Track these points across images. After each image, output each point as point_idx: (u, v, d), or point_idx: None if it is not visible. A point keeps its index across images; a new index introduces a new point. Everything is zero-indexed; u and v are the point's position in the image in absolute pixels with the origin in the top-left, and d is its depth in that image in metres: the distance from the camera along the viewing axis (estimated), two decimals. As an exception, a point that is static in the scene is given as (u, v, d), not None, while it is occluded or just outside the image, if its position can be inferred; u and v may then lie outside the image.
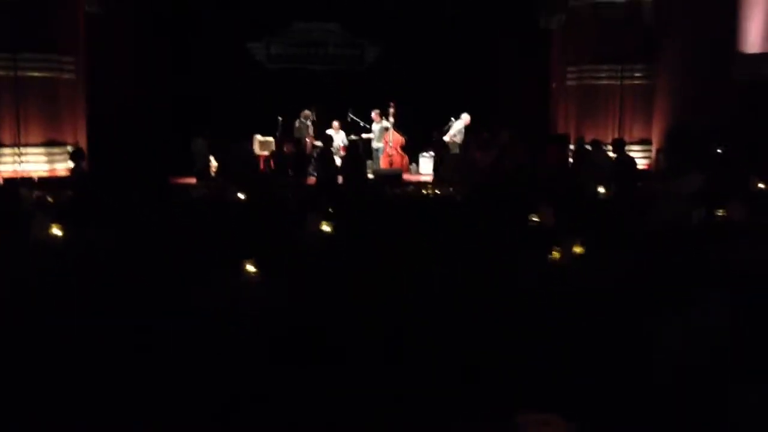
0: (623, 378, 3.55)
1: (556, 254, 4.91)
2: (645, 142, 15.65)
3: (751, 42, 14.92)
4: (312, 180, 13.64)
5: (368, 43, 17.88)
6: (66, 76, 14.16)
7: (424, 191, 9.02)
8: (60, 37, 13.95)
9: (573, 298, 4.38)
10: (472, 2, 16.70)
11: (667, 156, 15.08)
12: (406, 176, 15.67)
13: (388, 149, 16.11)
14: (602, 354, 3.70)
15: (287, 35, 17.80)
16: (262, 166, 15.15)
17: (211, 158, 14.45)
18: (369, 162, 15.86)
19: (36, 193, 9.40)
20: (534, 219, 6.73)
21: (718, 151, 14.09)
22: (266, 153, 15.56)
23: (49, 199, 8.68)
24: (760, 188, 10.02)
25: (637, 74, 15.67)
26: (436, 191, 9.18)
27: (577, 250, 4.89)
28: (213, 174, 14.13)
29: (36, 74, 13.81)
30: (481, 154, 12.80)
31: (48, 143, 13.95)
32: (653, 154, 15.64)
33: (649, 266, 5.06)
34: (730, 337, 3.76)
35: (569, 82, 16.16)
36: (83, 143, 14.69)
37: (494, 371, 3.57)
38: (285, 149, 13.54)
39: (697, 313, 3.72)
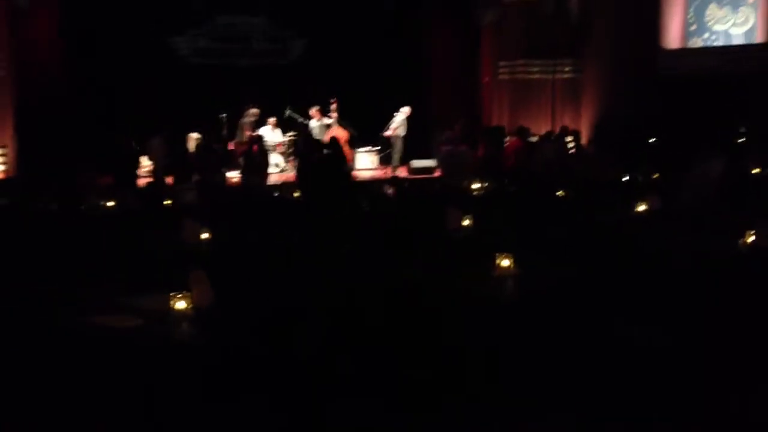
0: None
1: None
2: (574, 132, 16.42)
3: (672, 38, 16.12)
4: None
5: (294, 37, 17.54)
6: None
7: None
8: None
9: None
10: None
11: (596, 146, 15.95)
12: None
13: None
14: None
15: (211, 29, 17.12)
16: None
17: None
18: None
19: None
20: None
21: (651, 141, 15.09)
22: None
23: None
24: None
25: (567, 68, 16.47)
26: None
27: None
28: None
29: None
30: (453, 148, 12.92)
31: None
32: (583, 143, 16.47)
33: None
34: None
35: (501, 77, 16.72)
36: (10, 142, 13.62)
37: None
38: (252, 148, 13.06)
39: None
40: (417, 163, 15.30)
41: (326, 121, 15.81)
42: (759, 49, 15.54)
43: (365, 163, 16.56)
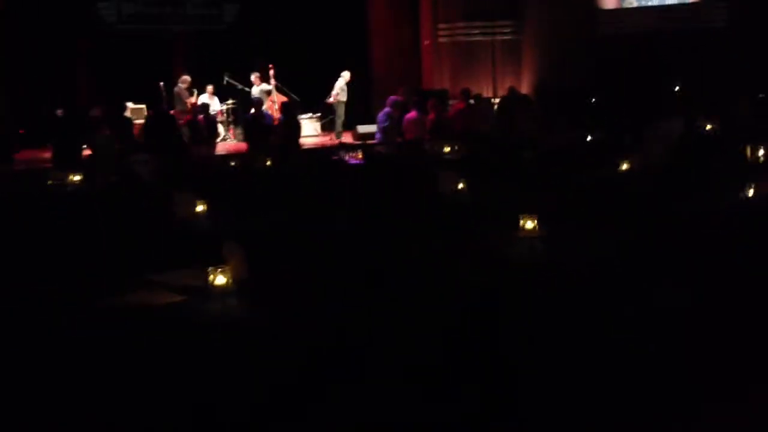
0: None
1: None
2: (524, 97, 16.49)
3: (608, -2, 16.36)
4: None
5: (227, 1, 16.97)
6: None
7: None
8: None
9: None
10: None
11: (540, 107, 16.08)
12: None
13: (274, 112, 15.56)
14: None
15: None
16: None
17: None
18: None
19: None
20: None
21: (593, 100, 15.30)
22: (141, 121, 14.38)
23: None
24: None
25: (506, 30, 16.50)
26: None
27: None
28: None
29: None
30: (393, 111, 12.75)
31: None
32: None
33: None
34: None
35: (441, 39, 16.61)
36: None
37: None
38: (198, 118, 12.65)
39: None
40: (363, 129, 15.11)
41: (266, 87, 15.47)
42: (691, 8, 15.93)
43: (309, 130, 16.27)
